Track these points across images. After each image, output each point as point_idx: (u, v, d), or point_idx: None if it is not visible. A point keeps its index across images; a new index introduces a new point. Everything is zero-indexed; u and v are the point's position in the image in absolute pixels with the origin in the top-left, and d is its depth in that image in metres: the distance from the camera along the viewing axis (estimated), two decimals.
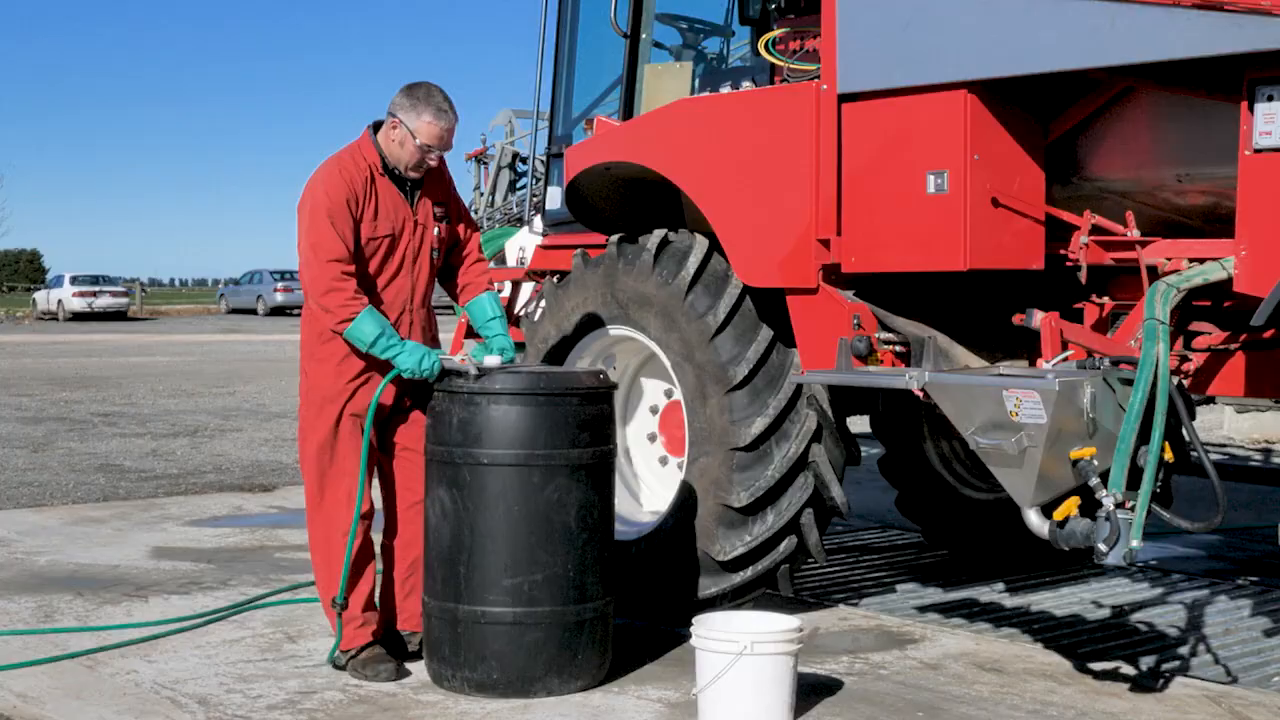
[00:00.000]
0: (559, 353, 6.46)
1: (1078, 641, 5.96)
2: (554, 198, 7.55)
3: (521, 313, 7.80)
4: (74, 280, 51.56)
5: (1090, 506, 4.63)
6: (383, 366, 5.35)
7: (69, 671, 5.45)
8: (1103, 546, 4.54)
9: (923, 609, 6.57)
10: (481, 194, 19.03)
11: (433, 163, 5.44)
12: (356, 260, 5.32)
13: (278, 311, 49.68)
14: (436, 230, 5.53)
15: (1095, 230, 5.13)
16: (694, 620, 4.88)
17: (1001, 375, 4.87)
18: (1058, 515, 4.66)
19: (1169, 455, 4.61)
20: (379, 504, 5.57)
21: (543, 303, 6.72)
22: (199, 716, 4.90)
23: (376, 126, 5.46)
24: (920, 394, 4.91)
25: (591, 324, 6.34)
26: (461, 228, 5.69)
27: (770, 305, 5.80)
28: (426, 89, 5.41)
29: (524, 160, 17.40)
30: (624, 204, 6.60)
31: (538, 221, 8.08)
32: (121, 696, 5.14)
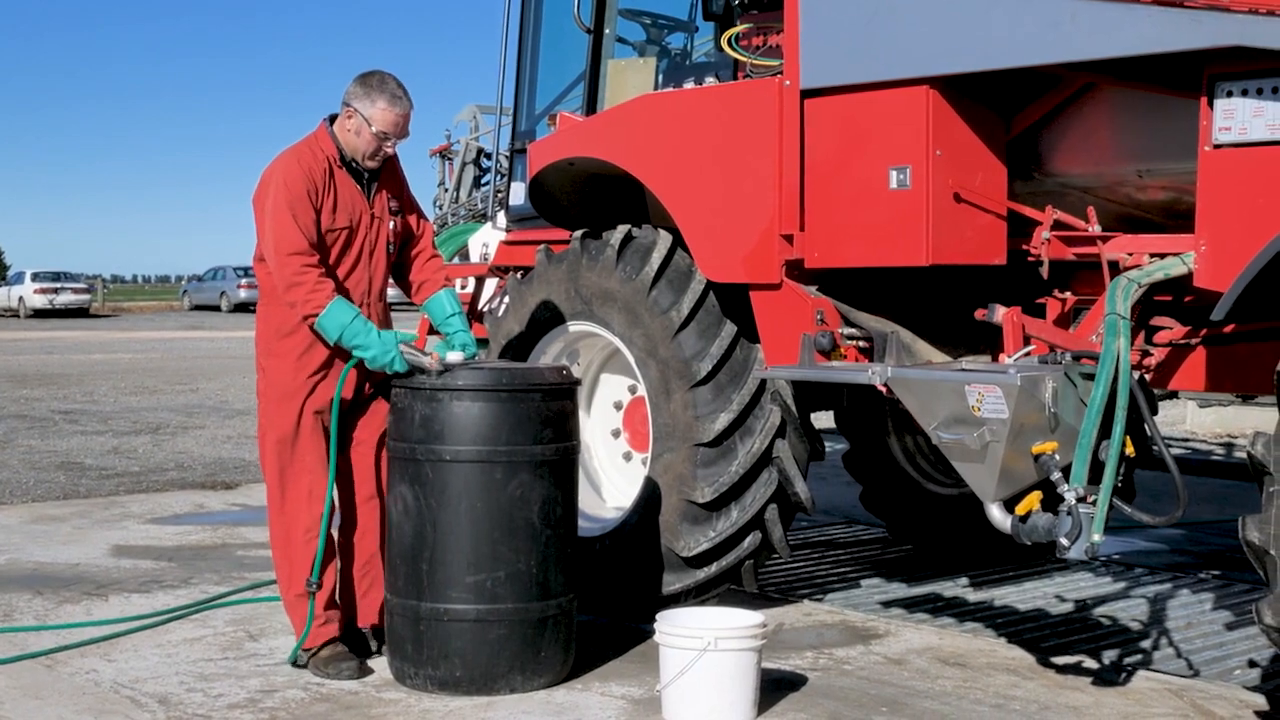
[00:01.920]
0: (522, 348, 6.44)
1: (1041, 636, 5.98)
2: (517, 193, 7.53)
3: (485, 309, 7.78)
4: (35, 277, 51.17)
5: (1052, 501, 4.64)
6: (343, 359, 5.34)
7: (28, 671, 5.40)
8: (1065, 541, 4.55)
9: (887, 604, 6.58)
10: (446, 190, 18.97)
11: (389, 151, 5.40)
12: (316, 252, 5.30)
13: (241, 308, 49.37)
14: (392, 224, 5.50)
15: (1057, 225, 5.14)
16: (658, 616, 4.88)
17: (964, 370, 4.88)
18: (1020, 510, 4.67)
19: (1130, 450, 4.63)
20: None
21: (506, 298, 6.70)
22: (159, 716, 4.86)
23: (333, 119, 5.43)
24: (883, 389, 4.92)
25: (555, 320, 6.32)
26: (415, 220, 5.66)
27: (734, 301, 5.80)
28: (380, 76, 5.38)
29: (488, 156, 17.35)
30: (587, 199, 6.59)
31: (501, 217, 8.06)
32: (81, 696, 5.10)
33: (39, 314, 49.06)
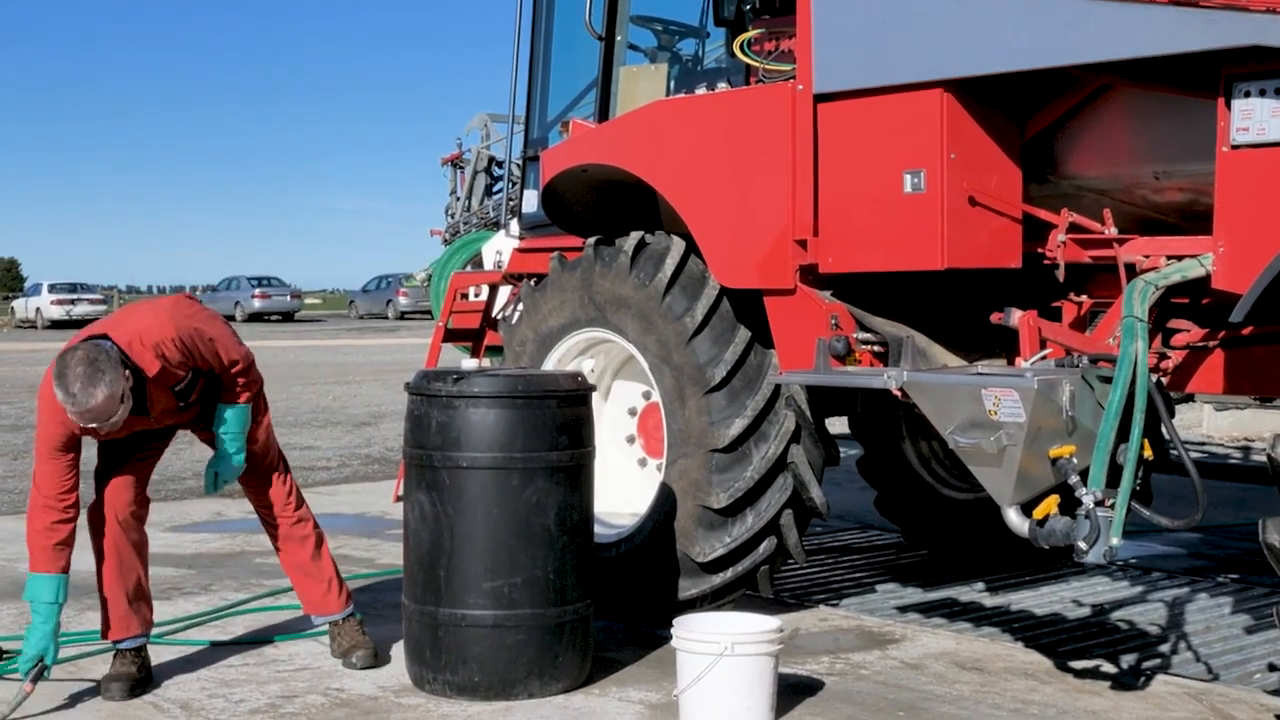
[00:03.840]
0: (537, 356, 6.44)
1: (1058, 640, 5.96)
2: (530, 201, 7.54)
3: (499, 316, 7.79)
4: (52, 288, 51.34)
5: (1070, 505, 4.62)
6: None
7: (51, 678, 5.41)
8: (1083, 545, 4.53)
9: (903, 609, 6.56)
10: (458, 198, 19.00)
11: (98, 427, 4.95)
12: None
13: (255, 318, 49.49)
14: (181, 405, 5.30)
15: (1073, 228, 5.12)
16: (674, 622, 4.88)
17: (980, 374, 4.86)
18: (1037, 514, 4.65)
19: (1148, 453, 4.61)
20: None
21: (520, 306, 6.70)
22: None
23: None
24: (898, 394, 4.91)
25: (569, 326, 6.32)
26: (222, 369, 5.37)
27: (748, 306, 5.79)
28: (59, 368, 4.81)
29: (500, 164, 17.38)
30: (600, 206, 6.59)
31: (514, 225, 8.07)
32: (104, 703, 5.11)
33: (56, 325, 49.14)
